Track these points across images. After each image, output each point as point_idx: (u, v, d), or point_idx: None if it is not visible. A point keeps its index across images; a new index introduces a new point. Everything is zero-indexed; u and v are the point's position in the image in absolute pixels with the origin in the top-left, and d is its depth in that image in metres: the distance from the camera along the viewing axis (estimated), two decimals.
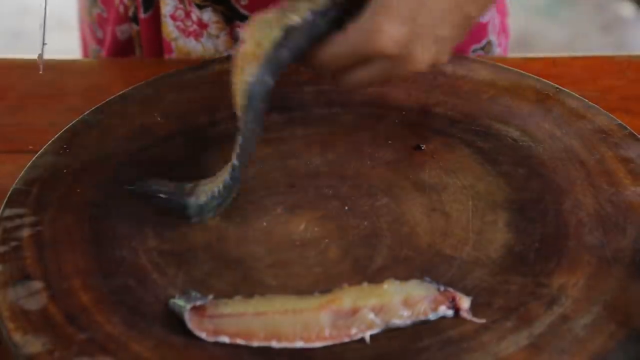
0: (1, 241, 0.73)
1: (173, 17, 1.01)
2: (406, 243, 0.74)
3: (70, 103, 0.97)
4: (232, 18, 1.00)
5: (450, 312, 0.68)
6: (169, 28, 1.01)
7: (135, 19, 1.06)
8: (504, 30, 1.12)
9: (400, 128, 0.85)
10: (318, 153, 0.83)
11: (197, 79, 0.92)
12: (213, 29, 1.01)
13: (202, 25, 1.00)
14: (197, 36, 1.01)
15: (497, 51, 1.09)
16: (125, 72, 1.04)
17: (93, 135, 0.85)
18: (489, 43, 1.08)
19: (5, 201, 0.77)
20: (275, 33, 0.74)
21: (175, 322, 0.67)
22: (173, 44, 1.02)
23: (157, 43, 1.05)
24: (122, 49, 1.10)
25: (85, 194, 0.78)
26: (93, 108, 0.88)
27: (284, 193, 0.79)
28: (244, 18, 1.00)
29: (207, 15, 1.00)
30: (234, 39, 1.02)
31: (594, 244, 0.73)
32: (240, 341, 0.66)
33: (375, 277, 0.71)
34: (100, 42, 1.13)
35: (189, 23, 1.01)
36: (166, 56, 1.04)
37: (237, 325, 0.66)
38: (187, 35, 1.01)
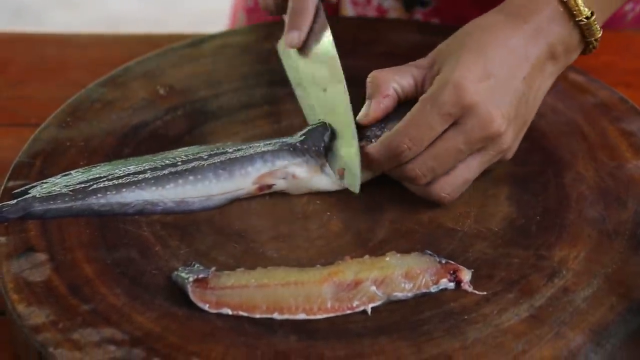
0: None
1: (354, 2, 1.01)
2: (408, 216, 0.74)
3: (72, 77, 0.98)
4: (412, 4, 1.00)
5: (451, 285, 0.68)
6: (348, 12, 1.02)
7: None
8: None
9: None
10: None
11: (199, 52, 0.92)
12: (391, 14, 1.01)
13: (382, 10, 1.01)
14: None
15: (629, 17, 1.05)
16: (127, 46, 1.03)
17: (95, 108, 0.85)
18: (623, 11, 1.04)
19: (8, 174, 0.77)
20: None
21: (178, 294, 0.67)
22: None
23: None
24: None
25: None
26: (95, 82, 0.88)
27: None
28: (425, 4, 0.99)
29: (388, 2, 1.00)
30: None
31: (595, 217, 0.74)
32: (242, 313, 0.66)
33: (377, 250, 0.71)
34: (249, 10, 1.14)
35: (368, 8, 1.01)
36: None
37: (239, 297, 0.66)
38: None
